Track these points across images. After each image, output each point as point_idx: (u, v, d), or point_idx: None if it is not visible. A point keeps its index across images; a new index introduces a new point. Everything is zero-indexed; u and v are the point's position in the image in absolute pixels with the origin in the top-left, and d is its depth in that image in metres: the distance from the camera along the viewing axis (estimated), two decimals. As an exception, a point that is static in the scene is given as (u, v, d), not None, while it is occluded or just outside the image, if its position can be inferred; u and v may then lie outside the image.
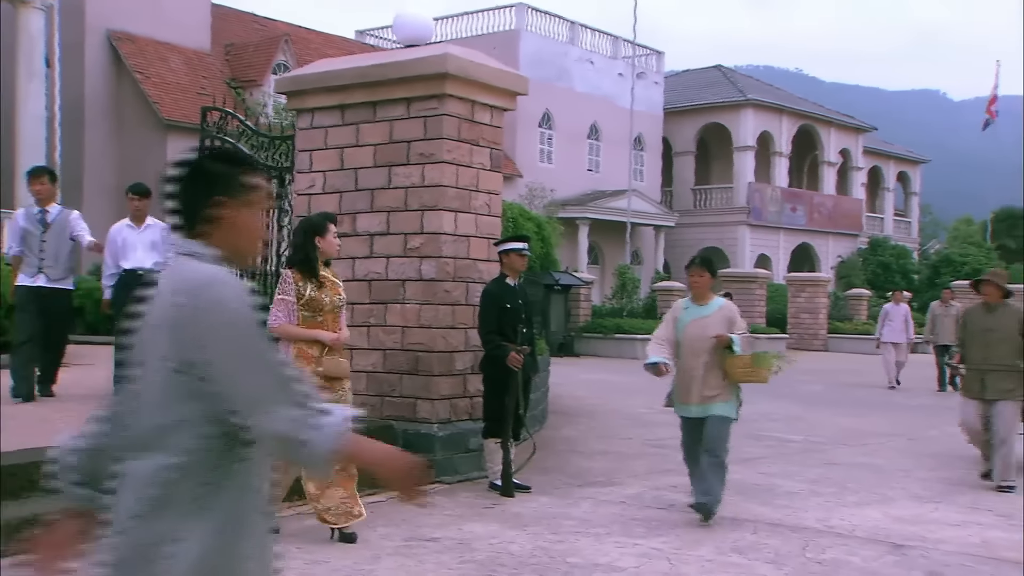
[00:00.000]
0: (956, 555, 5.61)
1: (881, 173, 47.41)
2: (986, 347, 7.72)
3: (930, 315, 17.49)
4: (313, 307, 5.55)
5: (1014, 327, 7.68)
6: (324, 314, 5.58)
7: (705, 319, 6.38)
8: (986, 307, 7.88)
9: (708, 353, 6.29)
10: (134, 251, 8.35)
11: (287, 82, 8.41)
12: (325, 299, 5.59)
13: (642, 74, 36.28)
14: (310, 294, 5.53)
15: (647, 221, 35.59)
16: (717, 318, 6.38)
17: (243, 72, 26.88)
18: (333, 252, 5.78)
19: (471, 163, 7.62)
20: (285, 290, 5.54)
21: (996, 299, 7.82)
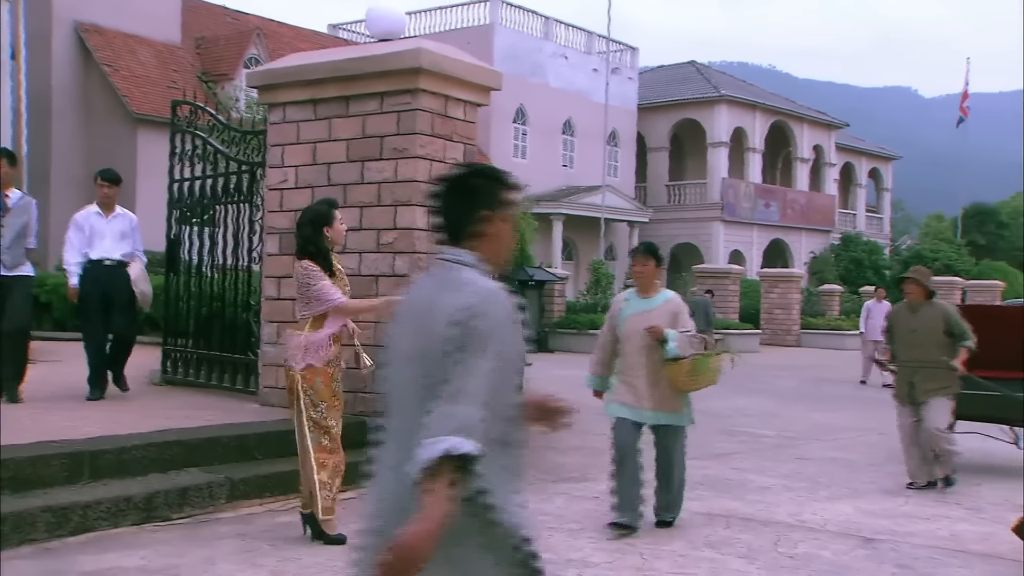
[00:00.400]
0: (925, 548, 5.65)
1: (853, 169, 47.77)
2: (912, 347, 7.44)
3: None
4: None
5: (938, 326, 7.39)
6: None
7: (648, 313, 5.81)
8: (910, 308, 7.59)
9: (653, 350, 5.77)
10: (102, 240, 7.97)
11: (259, 76, 8.33)
12: (345, 288, 5.55)
13: (616, 69, 36.31)
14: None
15: (621, 217, 35.66)
16: (661, 312, 5.81)
17: (214, 66, 26.63)
18: (341, 240, 5.65)
19: (445, 158, 7.59)
20: (316, 275, 5.33)
21: (919, 298, 7.53)
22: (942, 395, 7.34)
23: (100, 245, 7.96)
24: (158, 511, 5.67)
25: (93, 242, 7.95)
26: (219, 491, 6.02)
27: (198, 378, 9.02)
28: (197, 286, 9.22)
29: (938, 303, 7.59)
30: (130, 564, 4.84)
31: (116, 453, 5.93)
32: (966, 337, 7.30)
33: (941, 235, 47.35)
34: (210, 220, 9.30)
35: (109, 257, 7.99)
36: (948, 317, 7.40)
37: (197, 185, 9.24)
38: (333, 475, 5.33)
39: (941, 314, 7.43)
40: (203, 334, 9.10)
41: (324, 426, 5.32)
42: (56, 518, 5.23)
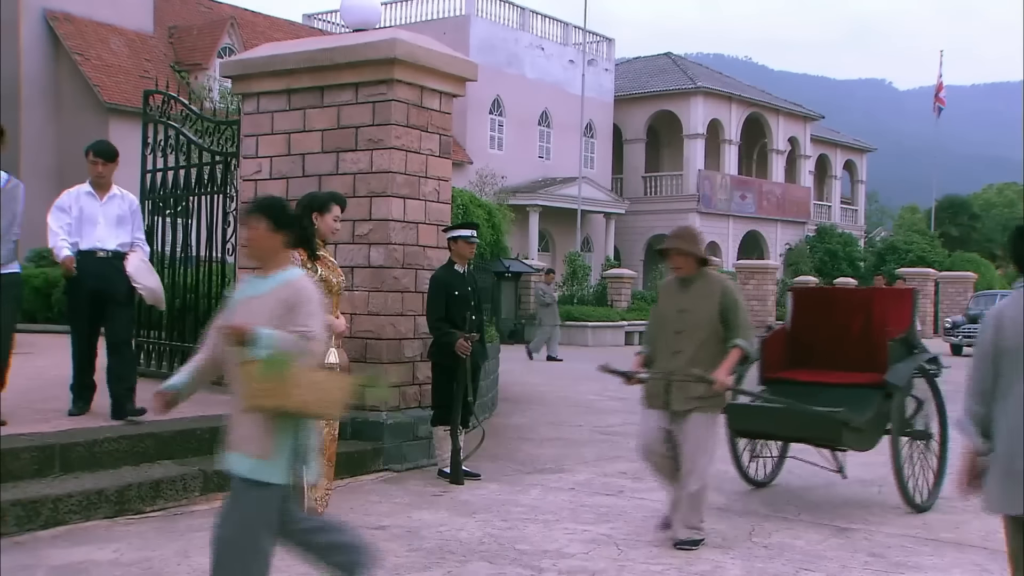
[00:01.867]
0: (897, 537, 5.71)
1: (828, 161, 48.06)
2: (677, 337, 5.34)
3: None
4: (326, 289, 5.31)
5: (712, 308, 5.31)
6: (332, 296, 5.40)
7: (254, 301, 3.69)
8: (680, 282, 5.45)
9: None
10: (93, 227, 6.65)
11: (232, 66, 8.26)
12: (334, 280, 5.42)
13: (593, 61, 36.31)
14: (321, 275, 5.31)
15: (598, 208, 35.70)
16: (269, 301, 3.63)
17: (188, 55, 26.39)
18: (328, 233, 5.48)
19: (420, 149, 7.56)
20: None
21: (690, 269, 5.37)
22: (704, 409, 5.26)
23: (91, 233, 6.65)
24: (131, 504, 5.63)
25: (83, 229, 6.60)
26: (193, 483, 5.98)
27: (171, 370, 8.93)
28: (170, 278, 9.14)
29: (714, 276, 5.46)
30: (102, 557, 4.80)
31: (87, 446, 5.88)
32: (740, 333, 5.24)
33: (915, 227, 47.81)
34: (184, 211, 9.22)
35: (103, 247, 6.66)
36: (725, 297, 5.31)
37: (170, 176, 9.16)
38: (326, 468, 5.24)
39: (718, 291, 5.34)
40: (177, 326, 9.03)
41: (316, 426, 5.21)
42: (26, 511, 5.17)
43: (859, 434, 6.15)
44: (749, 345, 5.29)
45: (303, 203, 5.42)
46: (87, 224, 6.63)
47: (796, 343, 6.99)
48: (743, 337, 5.26)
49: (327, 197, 5.50)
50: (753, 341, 5.36)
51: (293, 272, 3.75)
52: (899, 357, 6.47)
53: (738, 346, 5.26)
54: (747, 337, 5.29)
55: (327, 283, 5.32)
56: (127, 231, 6.83)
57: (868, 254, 43.75)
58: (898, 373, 6.36)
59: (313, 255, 5.32)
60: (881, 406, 6.28)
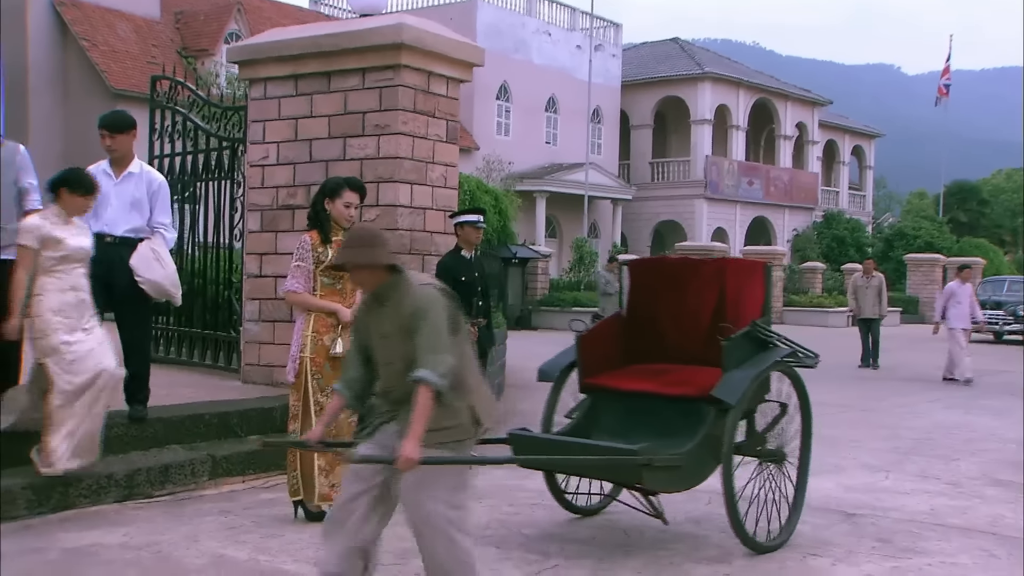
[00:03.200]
0: (905, 522, 5.71)
1: (836, 147, 47.88)
2: (385, 372, 3.76)
3: (851, 287, 16.72)
4: (333, 275, 5.34)
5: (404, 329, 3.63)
6: (343, 281, 5.37)
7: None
8: (375, 299, 3.77)
9: None
10: (104, 207, 5.97)
11: (239, 51, 8.25)
12: None
13: (600, 46, 36.17)
14: (331, 260, 5.24)
15: (605, 194, 35.64)
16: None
17: (194, 41, 26.36)
18: (342, 219, 5.39)
19: (427, 135, 7.55)
20: (301, 256, 5.33)
21: (377, 281, 3.71)
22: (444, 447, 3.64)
23: (103, 215, 5.98)
24: (140, 488, 5.66)
25: (97, 210, 5.92)
26: (201, 468, 6.01)
27: (180, 356, 8.98)
28: (178, 263, 9.13)
29: (409, 283, 3.71)
30: (112, 541, 4.83)
31: (97, 431, 5.90)
32: (425, 361, 3.53)
33: (923, 212, 47.62)
34: (191, 197, 9.23)
35: (110, 232, 5.98)
36: (417, 309, 3.63)
37: (177, 162, 9.16)
38: (333, 461, 5.24)
39: (409, 305, 3.66)
40: (184, 312, 9.05)
41: None
42: (37, 495, 5.21)
43: (671, 473, 4.70)
44: (439, 378, 3.50)
45: (321, 188, 5.46)
46: (100, 205, 5.92)
47: (634, 333, 5.55)
48: (430, 366, 3.51)
49: (339, 182, 5.47)
50: (448, 373, 3.54)
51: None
52: (742, 358, 4.96)
53: (425, 382, 3.49)
54: (437, 366, 3.51)
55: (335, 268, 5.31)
56: (142, 215, 6.04)
57: (876, 240, 43.62)
58: (731, 385, 4.79)
59: (326, 239, 5.33)
60: (714, 427, 4.82)
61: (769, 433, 5.33)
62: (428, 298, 3.66)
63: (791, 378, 5.30)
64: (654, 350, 5.42)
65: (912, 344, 22.21)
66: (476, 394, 3.75)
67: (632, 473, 4.66)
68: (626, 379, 5.22)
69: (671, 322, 5.45)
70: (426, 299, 3.66)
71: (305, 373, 5.23)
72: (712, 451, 4.82)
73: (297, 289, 5.32)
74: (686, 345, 5.34)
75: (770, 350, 5.18)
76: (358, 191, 5.49)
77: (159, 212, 6.18)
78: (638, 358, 5.44)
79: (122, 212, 6.03)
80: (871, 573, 4.72)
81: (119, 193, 6.04)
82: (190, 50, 25.89)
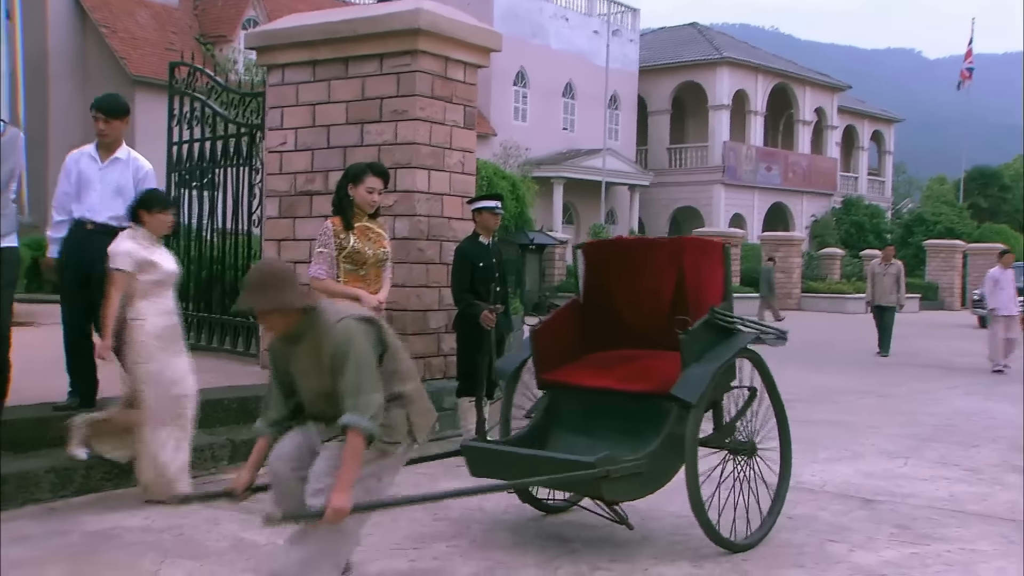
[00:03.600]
0: (924, 508, 5.69)
1: (855, 132, 47.53)
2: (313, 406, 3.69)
3: (869, 274, 16.30)
4: (356, 260, 5.32)
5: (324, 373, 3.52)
6: (367, 267, 5.35)
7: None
8: (286, 340, 3.61)
9: None
10: (88, 193, 5.73)
11: (257, 37, 8.26)
12: (368, 251, 5.34)
13: (617, 31, 36.01)
14: (352, 246, 5.27)
15: (622, 180, 35.54)
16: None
17: (212, 27, 26.41)
18: (365, 205, 5.39)
19: (444, 120, 7.54)
20: (323, 241, 5.32)
21: (288, 324, 3.53)
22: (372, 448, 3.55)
23: (86, 200, 5.73)
24: (161, 473, 5.70)
25: (81, 195, 5.73)
26: (221, 453, 6.05)
27: (199, 341, 9.03)
28: (197, 250, 9.21)
29: (325, 321, 3.52)
30: (134, 524, 4.88)
31: (118, 415, 5.95)
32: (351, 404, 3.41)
33: (943, 198, 47.21)
34: (209, 183, 9.27)
35: (92, 219, 5.71)
36: (337, 350, 3.46)
37: (196, 148, 9.20)
38: None
39: (328, 346, 3.49)
40: (204, 297, 9.11)
41: None
42: (59, 478, 5.27)
43: (631, 481, 4.44)
44: (368, 422, 3.38)
45: (344, 174, 5.45)
46: (84, 189, 5.73)
47: (592, 319, 5.27)
48: (358, 411, 3.37)
49: (363, 168, 5.45)
50: (378, 412, 3.43)
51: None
52: (702, 350, 4.66)
53: (351, 428, 3.37)
54: (366, 409, 3.38)
55: (358, 254, 5.30)
56: (126, 202, 5.64)
57: (895, 226, 43.34)
58: (691, 382, 4.52)
59: (348, 225, 5.32)
60: (677, 426, 4.53)
61: (739, 423, 5.04)
62: (347, 335, 3.45)
63: (754, 364, 4.97)
64: (614, 335, 5.13)
65: (931, 331, 22.11)
66: (415, 406, 3.68)
67: (590, 486, 4.40)
68: (584, 374, 4.94)
69: (630, 305, 5.15)
70: (345, 337, 3.45)
71: None
72: (675, 451, 4.55)
73: (320, 275, 5.31)
74: (647, 328, 5.06)
75: (733, 337, 4.83)
76: (381, 177, 5.47)
77: None
78: (598, 344, 5.18)
79: (105, 199, 5.75)
80: (890, 559, 4.71)
81: (104, 178, 5.78)
82: (208, 36, 25.95)
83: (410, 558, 4.49)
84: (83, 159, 5.80)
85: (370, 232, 5.40)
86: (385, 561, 4.44)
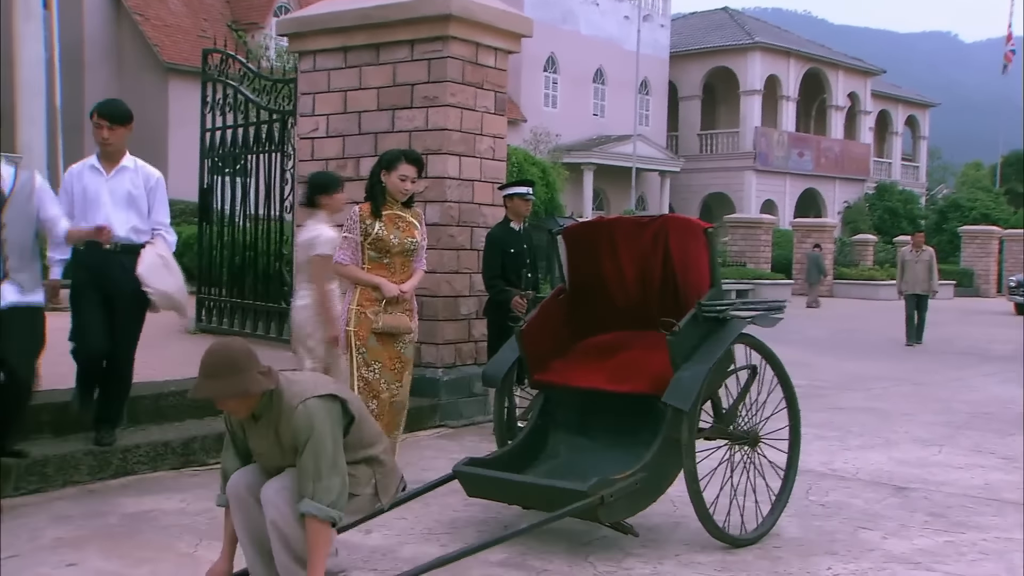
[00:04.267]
0: (958, 496, 5.64)
1: (889, 117, 46.96)
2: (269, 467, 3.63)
3: (899, 261, 15.91)
4: (379, 247, 5.13)
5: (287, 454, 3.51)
6: (392, 256, 5.16)
7: None
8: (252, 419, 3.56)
9: None
10: (97, 208, 5.22)
11: (289, 24, 8.29)
12: (392, 239, 5.14)
13: (648, 16, 35.77)
14: (377, 233, 5.10)
15: (652, 166, 35.37)
16: None
17: (244, 14, 26.54)
18: (396, 192, 5.19)
19: (475, 106, 7.54)
20: (349, 227, 5.17)
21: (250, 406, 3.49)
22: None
23: (95, 216, 5.19)
24: (195, 456, 5.78)
25: (87, 212, 5.22)
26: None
27: (232, 327, 9.12)
28: (230, 235, 9.28)
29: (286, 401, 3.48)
30: (170, 507, 4.95)
31: (153, 399, 6.04)
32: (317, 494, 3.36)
33: (979, 183, 46.57)
34: (242, 170, 9.34)
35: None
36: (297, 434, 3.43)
37: (229, 134, 9.26)
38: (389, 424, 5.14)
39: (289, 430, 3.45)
40: (237, 283, 9.19)
41: (374, 389, 5.11)
42: (98, 461, 5.35)
43: (628, 498, 4.28)
44: (328, 508, 3.34)
45: (379, 159, 5.39)
46: (91, 206, 5.22)
47: (580, 305, 5.10)
48: (317, 497, 3.33)
49: (397, 155, 5.28)
50: (338, 499, 3.36)
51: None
52: (692, 348, 4.44)
53: (309, 515, 3.34)
54: (325, 495, 3.33)
55: (381, 242, 5.15)
56: (140, 214, 5.31)
57: (930, 212, 42.81)
58: (683, 388, 4.31)
59: (377, 212, 5.18)
60: (672, 428, 4.35)
61: (741, 408, 4.82)
62: (307, 420, 3.37)
63: (756, 349, 4.76)
64: (604, 318, 4.90)
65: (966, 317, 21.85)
66: (383, 467, 3.70)
67: (587, 511, 4.19)
68: (577, 373, 4.76)
69: (618, 286, 4.93)
70: (306, 423, 3.37)
71: (350, 347, 5.19)
72: (673, 456, 4.39)
73: (344, 260, 5.21)
74: (637, 309, 4.84)
75: (724, 327, 4.57)
76: (415, 164, 5.28)
77: (158, 211, 5.44)
78: (589, 329, 5.01)
79: (118, 211, 5.25)
80: (923, 547, 4.67)
81: (113, 190, 5.28)
82: (240, 23, 26.06)
83: (441, 543, 4.52)
84: (85, 173, 5.31)
85: (400, 221, 5.26)
86: (417, 545, 4.47)
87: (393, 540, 4.52)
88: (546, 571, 4.19)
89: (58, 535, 4.44)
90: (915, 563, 4.44)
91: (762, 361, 4.84)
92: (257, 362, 3.41)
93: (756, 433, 4.90)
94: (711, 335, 4.54)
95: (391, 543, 4.47)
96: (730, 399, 4.83)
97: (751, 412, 4.88)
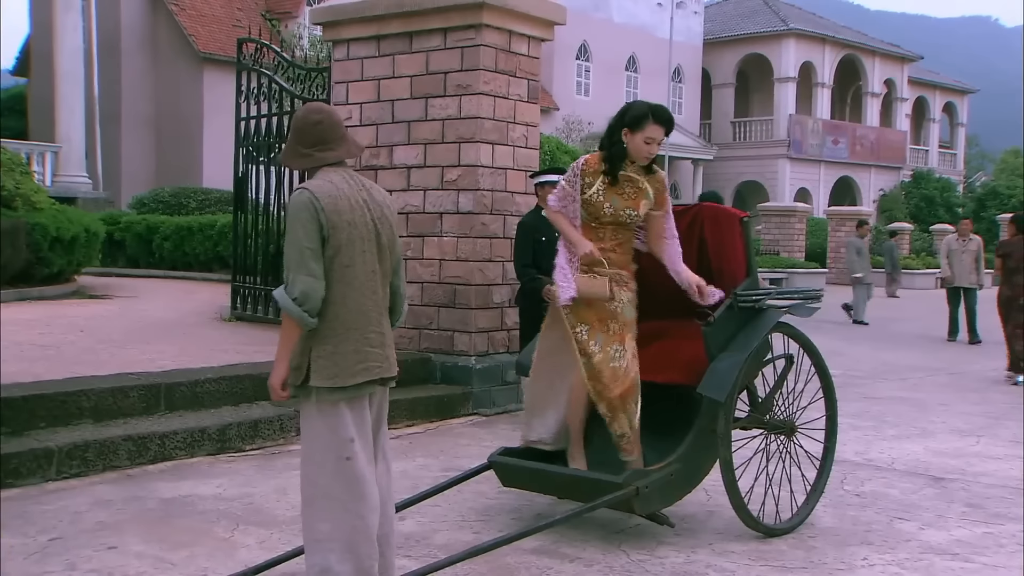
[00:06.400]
0: (996, 487, 5.58)
1: (926, 104, 46.32)
2: None
3: (944, 250, 14.63)
4: (591, 211, 4.42)
5: None
6: (603, 224, 4.43)
7: None
8: None
9: None
10: None
11: (322, 13, 8.32)
12: (606, 207, 4.38)
13: (681, 4, 35.50)
14: (591, 195, 4.40)
15: (685, 155, 35.16)
16: None
17: (278, 3, 26.67)
18: (638, 156, 4.39)
19: (508, 94, 7.53)
20: (568, 177, 4.49)
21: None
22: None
23: None
24: (231, 442, 5.84)
25: None
26: (289, 424, 6.16)
27: (267, 314, 9.19)
28: (264, 224, 9.34)
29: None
30: (207, 492, 5.01)
31: (190, 386, 6.11)
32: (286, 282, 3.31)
33: (1018, 171, 45.84)
34: (276, 158, 9.38)
35: None
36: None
37: (263, 123, 9.31)
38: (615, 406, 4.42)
39: None
40: (271, 271, 9.25)
41: (586, 352, 4.46)
42: (136, 447, 5.42)
43: (663, 489, 4.33)
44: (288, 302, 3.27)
45: (619, 114, 4.50)
46: None
47: None
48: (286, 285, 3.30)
49: (644, 111, 4.42)
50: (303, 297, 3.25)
51: None
52: (727, 338, 4.46)
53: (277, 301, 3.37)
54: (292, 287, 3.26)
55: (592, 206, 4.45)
56: None
57: (967, 200, 42.21)
58: (718, 378, 4.32)
59: (612, 174, 4.43)
60: (706, 418, 4.41)
61: (777, 396, 4.78)
62: (291, 206, 3.33)
63: (793, 338, 4.73)
64: (639, 308, 4.62)
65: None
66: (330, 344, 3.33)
67: (622, 502, 4.22)
68: None
69: (653, 273, 4.64)
70: (290, 207, 3.34)
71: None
72: (708, 445, 4.41)
73: (553, 206, 4.55)
74: (673, 299, 4.61)
75: (760, 317, 4.57)
76: (665, 125, 4.42)
77: None
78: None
79: None
80: (961, 538, 4.63)
81: None
82: (274, 12, 26.20)
83: (475, 530, 4.54)
84: None
85: (630, 186, 4.42)
86: (450, 532, 4.49)
87: (427, 527, 4.55)
88: (579, 559, 4.20)
89: (99, 519, 4.51)
90: (953, 554, 4.40)
91: (799, 350, 4.81)
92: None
93: (792, 423, 4.87)
94: (747, 325, 4.53)
95: (424, 530, 4.49)
96: (767, 388, 4.81)
97: (787, 401, 4.84)
